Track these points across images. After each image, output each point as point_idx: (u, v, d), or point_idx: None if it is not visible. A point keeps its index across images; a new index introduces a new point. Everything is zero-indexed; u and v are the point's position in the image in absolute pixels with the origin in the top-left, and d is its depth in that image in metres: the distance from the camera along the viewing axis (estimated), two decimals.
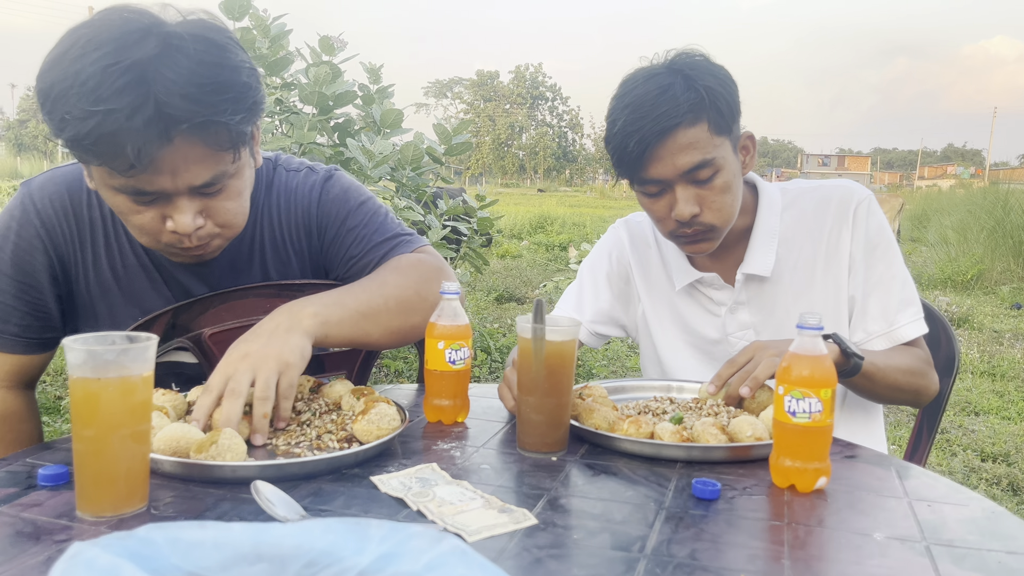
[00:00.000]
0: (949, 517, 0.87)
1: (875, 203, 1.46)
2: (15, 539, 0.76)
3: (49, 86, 1.00)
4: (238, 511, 0.84)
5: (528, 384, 1.04)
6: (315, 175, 1.36)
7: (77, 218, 1.25)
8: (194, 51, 1.01)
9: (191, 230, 1.11)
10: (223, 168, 1.10)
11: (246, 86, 1.06)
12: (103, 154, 1.00)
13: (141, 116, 0.98)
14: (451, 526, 0.81)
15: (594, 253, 1.64)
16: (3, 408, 1.29)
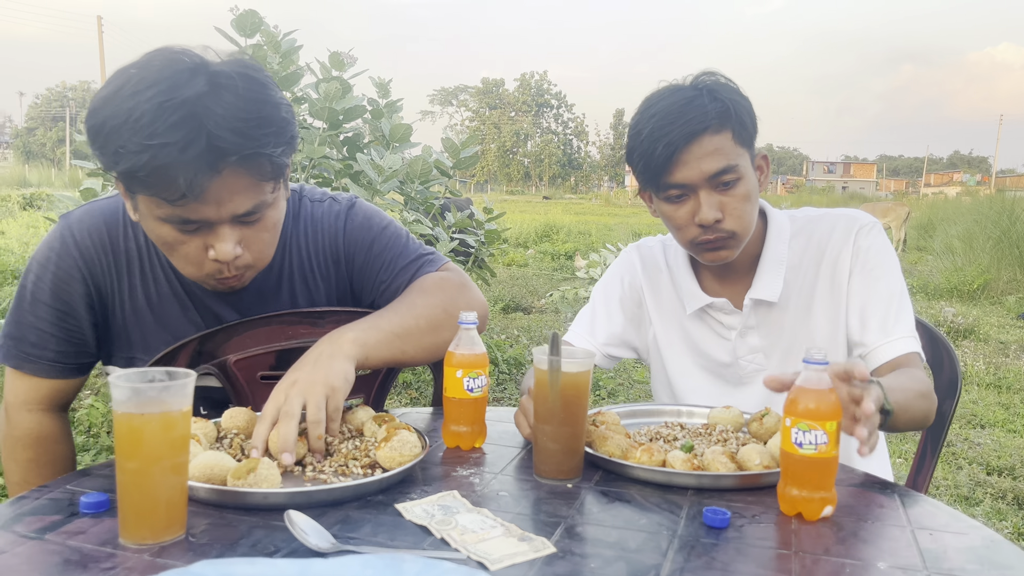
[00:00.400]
0: (950, 546, 0.91)
1: (879, 228, 1.50)
2: (64, 567, 0.80)
3: (102, 122, 1.07)
4: (271, 539, 0.88)
5: (544, 414, 1.08)
6: (338, 205, 1.42)
7: (114, 250, 1.30)
8: (240, 88, 1.09)
9: (231, 258, 1.16)
10: (263, 198, 1.16)
11: (285, 121, 1.14)
12: (156, 185, 1.07)
13: (193, 149, 1.05)
14: (474, 554, 0.85)
15: (607, 277, 1.68)
16: (39, 430, 1.34)
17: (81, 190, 4.26)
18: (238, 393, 1.34)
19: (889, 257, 1.48)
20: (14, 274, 8.07)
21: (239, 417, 1.16)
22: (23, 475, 1.36)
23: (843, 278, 1.47)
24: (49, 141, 76.00)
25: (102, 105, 1.07)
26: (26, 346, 1.31)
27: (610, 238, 14.72)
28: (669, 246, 1.64)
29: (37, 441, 1.35)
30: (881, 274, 1.46)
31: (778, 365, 1.51)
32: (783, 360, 1.51)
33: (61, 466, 1.38)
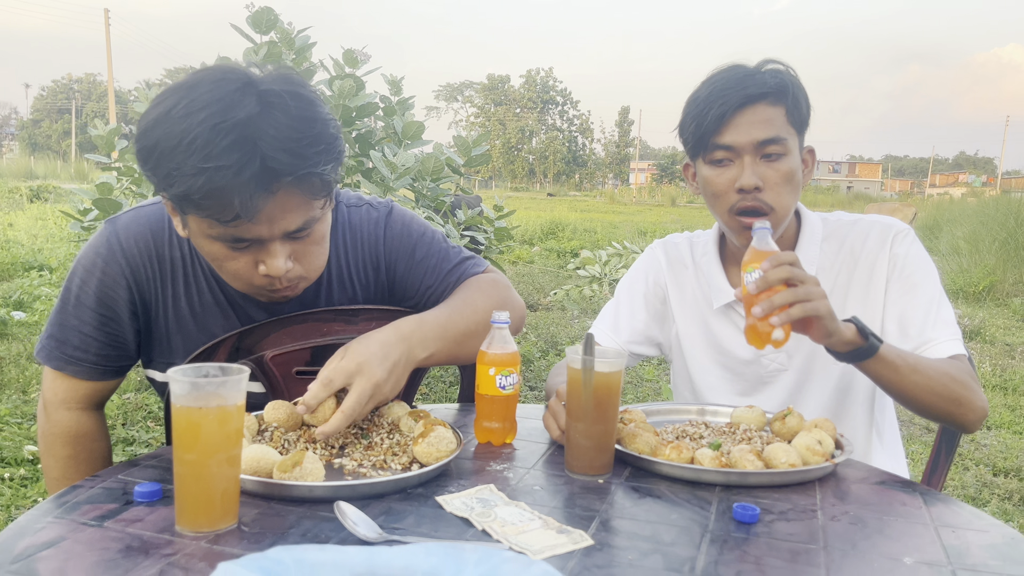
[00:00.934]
0: (972, 543, 0.94)
1: (913, 235, 1.52)
2: (127, 553, 0.84)
3: (154, 144, 1.07)
4: (319, 528, 0.92)
5: (577, 411, 1.12)
6: (376, 211, 1.44)
7: (159, 258, 1.32)
8: (290, 107, 1.09)
9: (282, 273, 1.18)
10: (313, 214, 1.17)
11: (334, 137, 1.14)
12: (210, 207, 1.08)
13: (248, 171, 1.05)
14: (515, 545, 0.88)
15: (631, 273, 1.71)
16: (78, 428, 1.38)
17: (97, 184, 4.31)
18: (274, 388, 1.37)
19: (926, 264, 1.49)
20: (24, 266, 8.12)
21: (280, 410, 1.20)
22: (62, 471, 1.39)
23: (879, 285, 1.49)
24: (55, 133, 76.12)
25: (153, 126, 1.08)
26: (68, 348, 1.33)
27: (616, 236, 14.75)
28: (696, 243, 1.66)
29: (75, 438, 1.38)
30: (919, 280, 1.47)
31: (801, 365, 1.53)
32: (807, 360, 1.53)
33: (98, 463, 1.42)
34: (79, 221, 4.48)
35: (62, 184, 22.36)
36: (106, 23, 42.46)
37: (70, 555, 0.84)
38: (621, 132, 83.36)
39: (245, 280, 1.21)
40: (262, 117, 1.07)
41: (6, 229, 11.44)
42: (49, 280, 7.26)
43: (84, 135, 69.25)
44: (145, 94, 4.34)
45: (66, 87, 79.31)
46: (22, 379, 4.38)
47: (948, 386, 1.32)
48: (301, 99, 1.11)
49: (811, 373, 1.53)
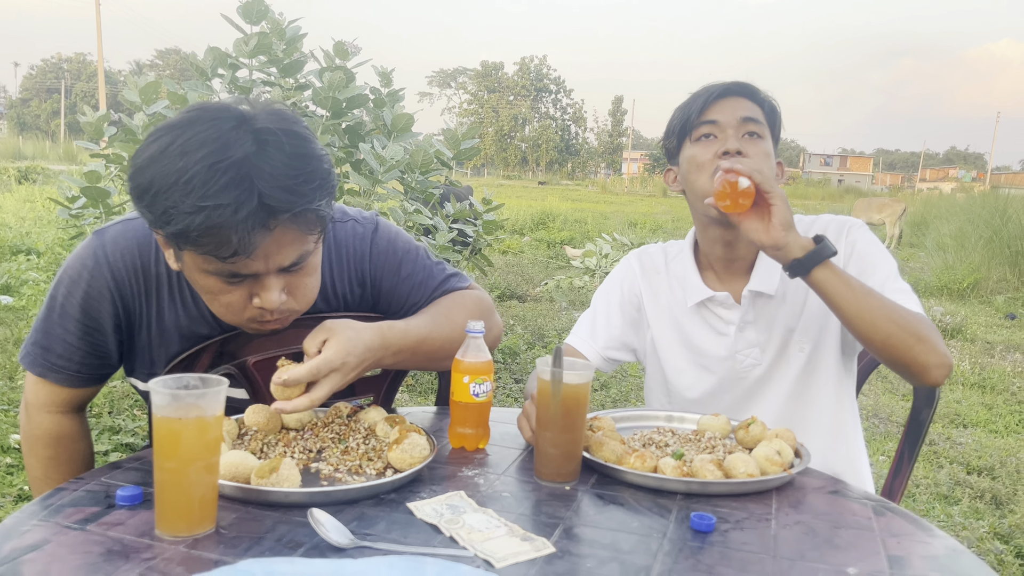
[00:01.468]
0: (915, 553, 0.99)
1: (867, 228, 1.62)
2: (108, 556, 0.88)
3: (149, 182, 1.09)
4: (294, 533, 0.96)
5: (546, 421, 1.16)
6: (362, 227, 1.47)
7: (145, 274, 1.34)
8: (285, 145, 1.11)
9: (277, 306, 1.21)
10: (307, 247, 1.20)
11: (328, 172, 1.16)
12: (209, 244, 1.09)
13: (246, 209, 1.07)
14: (480, 552, 0.93)
15: (607, 283, 1.77)
16: (58, 430, 1.41)
17: (86, 172, 4.32)
18: (256, 392, 1.41)
19: (879, 248, 1.59)
20: (12, 249, 8.09)
21: (260, 414, 1.24)
22: (44, 471, 1.43)
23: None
24: (44, 113, 75.45)
25: (148, 164, 1.10)
26: (52, 356, 1.36)
27: (606, 227, 14.80)
28: (670, 251, 1.74)
29: (57, 440, 1.42)
30: (875, 261, 1.55)
31: (771, 360, 1.60)
32: (777, 354, 1.60)
33: (80, 463, 1.45)
34: (67, 208, 4.49)
35: (51, 165, 22.23)
36: (96, 3, 42.04)
37: (54, 558, 0.88)
38: (614, 121, 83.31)
39: (236, 312, 1.23)
40: (258, 155, 1.09)
41: None
42: (37, 264, 7.24)
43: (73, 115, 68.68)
44: (135, 81, 4.34)
45: (55, 67, 78.55)
46: (9, 365, 4.39)
47: (906, 318, 1.37)
48: (295, 136, 1.14)
49: (777, 366, 1.60)
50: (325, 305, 1.44)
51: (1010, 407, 4.98)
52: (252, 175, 1.07)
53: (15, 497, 2.85)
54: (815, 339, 1.59)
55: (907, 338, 1.35)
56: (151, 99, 4.27)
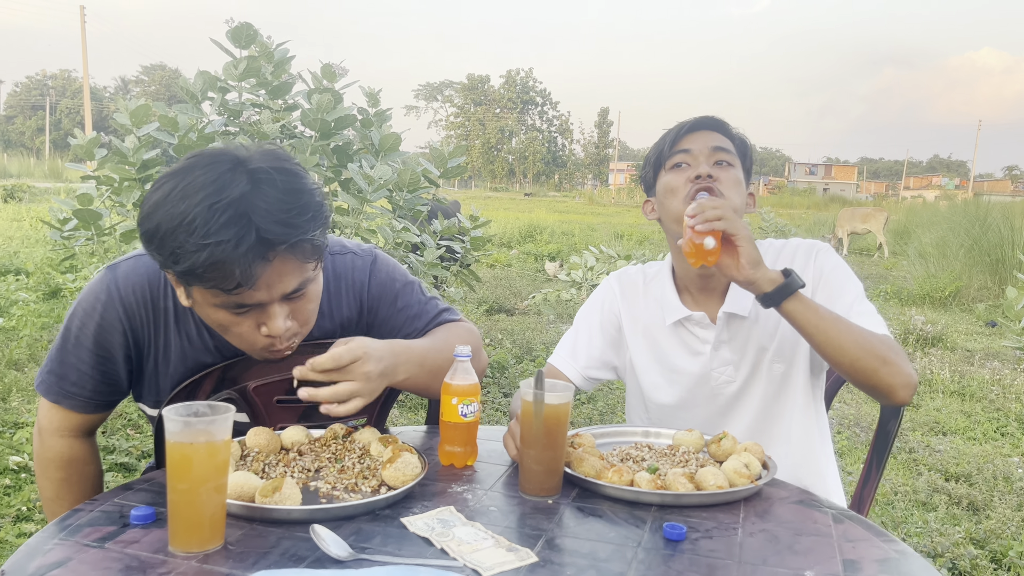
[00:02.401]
0: (866, 556, 1.08)
1: (834, 252, 1.71)
2: (127, 572, 0.96)
3: (156, 226, 1.19)
4: (298, 548, 1.04)
5: (529, 439, 1.25)
6: (360, 259, 1.56)
7: (155, 307, 1.42)
8: (278, 182, 1.20)
9: (283, 332, 1.30)
10: (307, 275, 1.29)
11: (320, 204, 1.26)
12: (214, 278, 1.18)
13: (245, 243, 1.16)
14: (469, 563, 1.01)
15: (588, 304, 1.85)
16: (70, 453, 1.49)
17: (78, 195, 4.38)
18: (256, 416, 1.49)
19: (846, 270, 1.68)
20: (1, 270, 8.11)
21: (261, 436, 1.32)
22: (56, 492, 1.50)
23: (807, 293, 1.64)
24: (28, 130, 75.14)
25: (154, 210, 1.19)
26: (67, 384, 1.44)
27: (593, 239, 14.91)
28: (648, 272, 1.83)
29: (68, 463, 1.49)
30: (841, 283, 1.64)
31: (745, 378, 1.69)
32: (750, 372, 1.69)
33: (90, 484, 1.53)
34: (59, 230, 4.55)
35: (36, 183, 22.15)
36: (82, 19, 42.04)
37: (76, 574, 0.95)
38: (600, 133, 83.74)
39: (249, 343, 1.33)
40: (254, 193, 1.18)
41: None
42: (26, 285, 7.26)
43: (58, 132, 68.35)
44: (125, 104, 4.41)
45: (40, 83, 78.29)
46: (1, 387, 4.43)
47: (872, 342, 1.46)
48: (287, 173, 1.23)
49: (750, 384, 1.69)
50: (320, 333, 1.52)
51: (988, 414, 5.09)
52: (249, 212, 1.16)
53: (14, 517, 2.90)
54: (787, 358, 1.68)
55: (873, 361, 1.45)
56: (141, 122, 4.34)
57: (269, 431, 1.34)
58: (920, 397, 5.45)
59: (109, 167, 4.48)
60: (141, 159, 4.22)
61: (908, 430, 4.69)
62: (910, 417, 4.95)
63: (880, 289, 10.76)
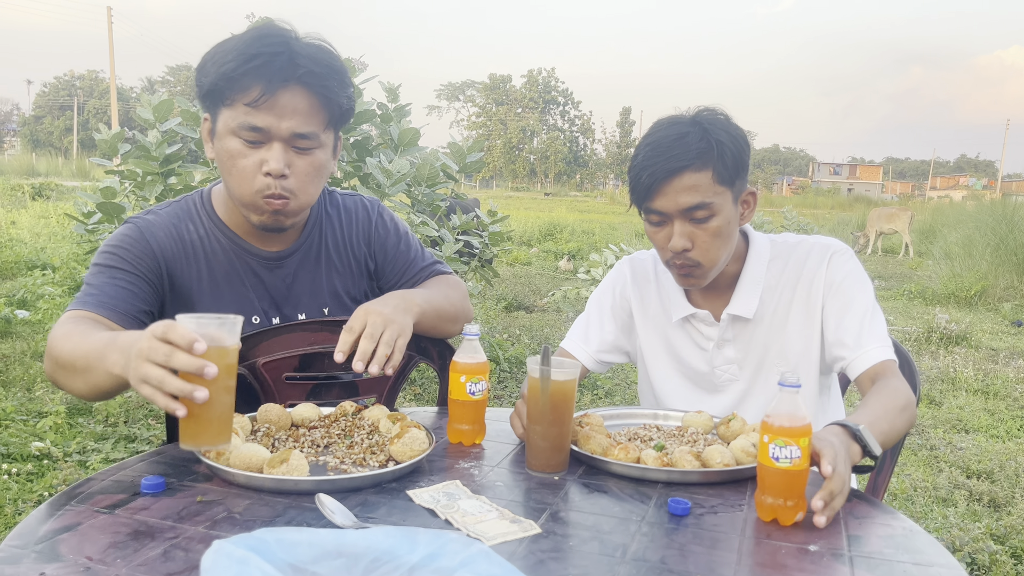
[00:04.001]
0: (872, 534, 1.07)
1: (851, 253, 1.65)
2: (135, 536, 0.97)
3: (211, 54, 1.41)
4: (303, 517, 1.05)
5: (536, 415, 1.25)
6: (368, 202, 1.73)
7: (180, 239, 1.53)
8: (322, 47, 1.44)
9: (279, 172, 1.41)
10: (315, 129, 1.43)
11: (347, 84, 1.46)
12: (243, 85, 1.37)
13: (280, 60, 1.37)
14: (472, 533, 1.02)
15: (600, 288, 1.84)
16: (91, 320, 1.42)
17: (101, 188, 4.44)
18: (266, 392, 1.51)
19: (860, 278, 1.62)
20: (27, 264, 8.25)
21: (272, 412, 1.34)
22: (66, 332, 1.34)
23: (817, 299, 1.62)
24: (56, 130, 76.26)
25: (212, 48, 1.41)
26: (102, 297, 1.41)
27: (613, 238, 14.88)
28: (659, 260, 1.78)
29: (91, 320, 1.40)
30: (854, 294, 1.60)
31: (751, 377, 1.67)
32: (755, 373, 1.67)
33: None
34: (83, 223, 4.62)
35: (64, 182, 22.50)
36: (109, 21, 42.59)
37: (86, 538, 0.97)
38: (622, 132, 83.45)
39: (248, 180, 1.43)
40: (298, 41, 1.41)
41: (9, 227, 11.57)
42: (52, 279, 7.39)
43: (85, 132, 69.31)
44: (148, 99, 4.46)
45: (68, 84, 79.43)
46: (27, 377, 4.52)
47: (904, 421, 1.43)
48: (329, 51, 1.45)
49: (756, 382, 1.68)
50: (339, 258, 1.65)
51: (1012, 412, 5.03)
52: (290, 42, 1.39)
53: (35, 502, 2.95)
54: (793, 361, 1.65)
55: (900, 437, 1.44)
56: (164, 117, 4.39)
57: (280, 408, 1.36)
58: (943, 395, 5.39)
59: (132, 161, 4.54)
60: (164, 153, 4.27)
61: (930, 427, 4.64)
62: (932, 415, 4.90)
63: (904, 288, 10.64)
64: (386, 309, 1.41)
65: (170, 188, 4.35)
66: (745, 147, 1.54)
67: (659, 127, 1.54)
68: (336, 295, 1.65)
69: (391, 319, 1.39)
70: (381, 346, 1.35)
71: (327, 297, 1.64)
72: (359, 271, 1.68)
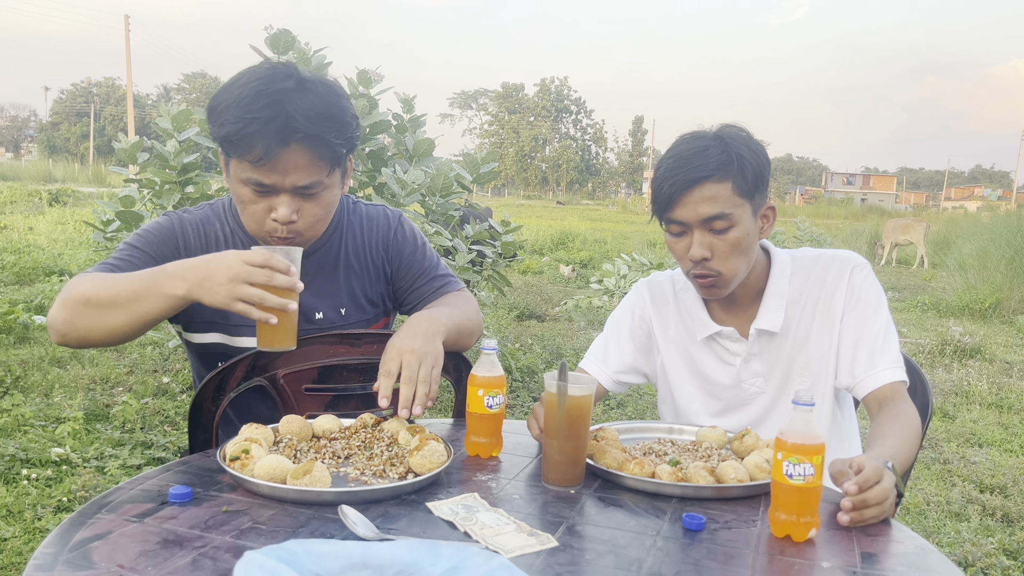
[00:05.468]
0: (885, 551, 1.09)
1: (869, 269, 1.68)
2: (164, 545, 1.00)
3: (217, 103, 1.46)
4: (326, 527, 1.08)
5: (552, 430, 1.28)
6: (389, 211, 1.79)
7: (207, 235, 1.63)
8: (320, 91, 1.46)
9: (286, 220, 1.48)
10: (320, 178, 1.48)
11: (348, 124, 1.49)
12: (243, 148, 1.42)
13: (273, 125, 1.40)
14: (491, 546, 1.04)
15: (619, 310, 1.86)
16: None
17: (121, 197, 4.51)
18: (285, 402, 1.54)
19: (878, 295, 1.65)
20: (45, 271, 8.35)
21: (294, 424, 1.37)
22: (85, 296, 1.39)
23: (837, 313, 1.65)
24: (73, 136, 76.95)
25: (219, 93, 1.47)
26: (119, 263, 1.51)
27: (625, 247, 14.89)
28: (677, 280, 1.82)
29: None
30: (872, 311, 1.63)
31: (776, 389, 1.70)
32: (781, 384, 1.69)
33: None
34: (102, 231, 4.68)
35: (80, 188, 22.72)
36: (126, 28, 43.03)
37: (117, 546, 1.00)
38: (635, 141, 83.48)
39: (258, 223, 1.50)
40: (295, 92, 1.43)
41: (26, 233, 11.71)
42: None
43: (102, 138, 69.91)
44: (167, 109, 4.52)
45: (85, 91, 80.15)
46: (45, 383, 4.57)
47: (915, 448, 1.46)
48: (330, 88, 1.49)
49: (782, 394, 1.69)
50: (357, 265, 1.70)
51: None
52: (285, 102, 1.41)
53: (55, 507, 2.99)
54: (815, 371, 1.67)
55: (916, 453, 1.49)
56: (182, 127, 4.46)
57: (301, 419, 1.39)
58: (956, 408, 5.36)
59: (151, 170, 4.60)
60: (182, 163, 4.33)
61: (943, 441, 4.63)
62: (945, 428, 4.88)
63: (918, 300, 10.60)
64: (416, 343, 1.44)
65: (187, 197, 4.41)
66: (765, 162, 1.57)
67: (682, 141, 1.58)
68: (353, 295, 1.71)
69: (425, 353, 1.43)
70: (420, 385, 1.39)
71: (344, 297, 1.69)
72: (377, 275, 1.74)
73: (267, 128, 1.39)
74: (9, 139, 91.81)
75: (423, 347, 1.43)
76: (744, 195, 1.54)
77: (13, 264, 8.37)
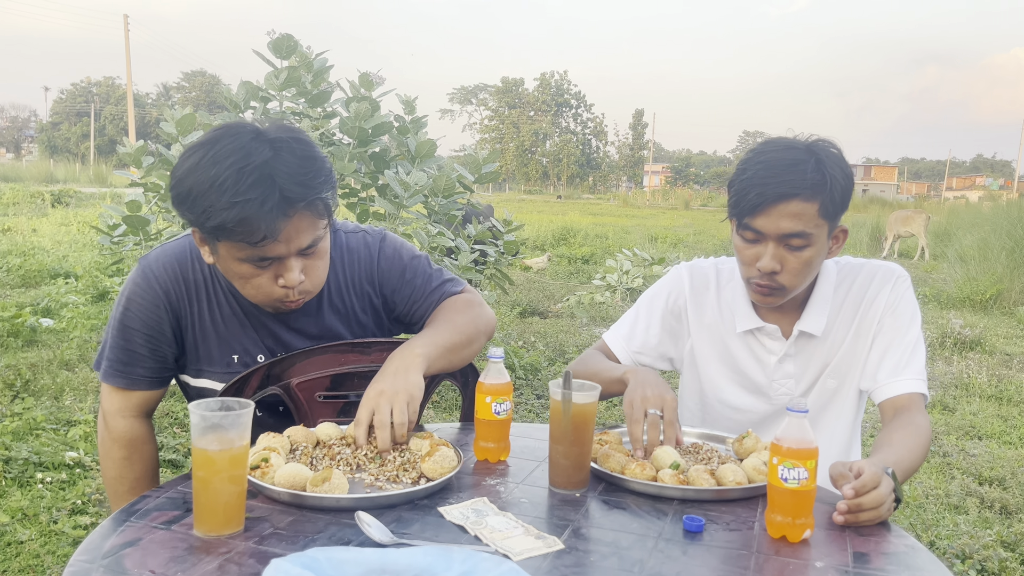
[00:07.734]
0: (876, 551, 1.14)
1: (910, 282, 1.72)
2: (191, 551, 1.06)
3: (188, 190, 1.35)
4: (343, 532, 1.13)
5: (558, 436, 1.33)
6: (371, 237, 1.70)
7: (185, 280, 1.58)
8: (295, 149, 1.38)
9: (297, 284, 1.45)
10: (319, 232, 1.45)
11: (329, 170, 1.43)
12: (242, 233, 1.34)
13: (270, 202, 1.33)
14: (500, 548, 1.10)
15: (655, 289, 1.86)
16: (131, 433, 1.62)
17: (127, 202, 4.56)
18: (299, 411, 1.59)
19: (914, 310, 1.70)
20: (50, 273, 8.40)
21: (298, 434, 1.42)
22: (118, 471, 1.63)
23: (873, 319, 1.69)
24: (73, 136, 76.99)
25: (186, 175, 1.36)
26: (120, 366, 1.58)
27: (627, 242, 14.93)
28: (722, 270, 1.82)
29: (130, 442, 1.63)
30: (906, 322, 1.68)
31: (804, 392, 1.74)
32: (809, 388, 1.74)
33: (148, 464, 1.66)
34: (108, 235, 4.73)
35: (82, 188, 22.78)
36: (125, 28, 43.07)
37: (147, 552, 1.06)
38: (635, 135, 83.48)
39: (266, 293, 1.47)
40: (275, 159, 1.35)
41: (31, 235, 11.76)
42: (75, 288, 7.52)
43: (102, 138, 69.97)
44: (171, 114, 4.57)
45: (85, 90, 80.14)
46: (54, 386, 4.63)
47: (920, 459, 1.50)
48: (302, 142, 1.41)
49: (807, 396, 1.74)
50: (339, 300, 1.66)
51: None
52: (272, 175, 1.34)
53: (70, 510, 3.05)
54: (842, 375, 1.72)
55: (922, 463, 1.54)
56: (186, 131, 4.51)
57: (303, 428, 1.45)
58: (956, 401, 5.41)
59: (156, 174, 4.66)
60: None
61: (943, 434, 4.68)
62: (945, 421, 4.93)
63: (919, 292, 10.64)
64: (385, 384, 1.43)
65: None
66: (851, 187, 1.58)
67: (773, 147, 1.56)
68: (336, 336, 1.67)
69: (395, 392, 1.42)
70: (396, 427, 1.39)
71: (328, 338, 1.66)
72: (363, 308, 1.69)
73: (263, 208, 1.32)
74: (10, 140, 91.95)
75: (392, 386, 1.42)
76: (827, 216, 1.54)
77: (19, 267, 8.43)
